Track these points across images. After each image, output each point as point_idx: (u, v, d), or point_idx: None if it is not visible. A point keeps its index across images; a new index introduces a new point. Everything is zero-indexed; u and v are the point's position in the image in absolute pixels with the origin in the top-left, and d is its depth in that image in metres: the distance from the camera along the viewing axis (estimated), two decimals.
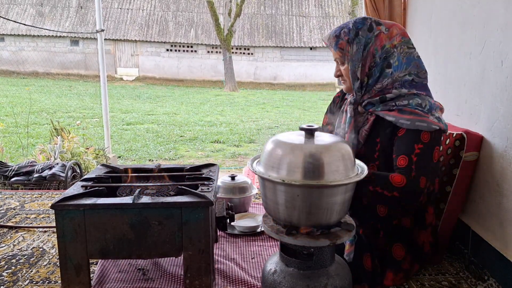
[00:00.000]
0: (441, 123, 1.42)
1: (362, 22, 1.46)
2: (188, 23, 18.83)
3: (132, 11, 18.90)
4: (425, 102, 1.43)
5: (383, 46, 1.45)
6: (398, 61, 1.46)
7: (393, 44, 1.46)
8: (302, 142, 1.16)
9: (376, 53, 1.46)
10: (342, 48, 1.48)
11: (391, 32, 1.47)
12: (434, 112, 1.43)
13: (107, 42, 16.85)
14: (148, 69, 17.98)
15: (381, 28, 1.46)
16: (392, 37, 1.46)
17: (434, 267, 1.72)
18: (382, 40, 1.45)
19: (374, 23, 1.47)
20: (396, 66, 1.46)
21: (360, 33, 1.45)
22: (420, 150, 1.37)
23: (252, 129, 7.50)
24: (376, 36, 1.45)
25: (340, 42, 1.48)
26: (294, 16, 19.41)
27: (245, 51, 18.48)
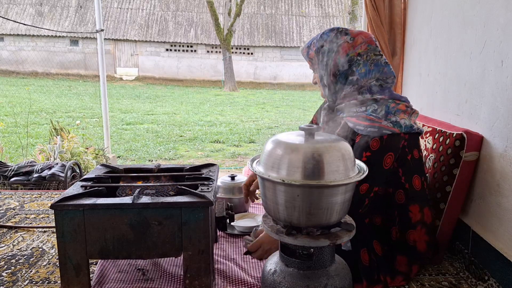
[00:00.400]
0: (396, 127, 1.46)
1: (328, 34, 1.57)
2: (187, 23, 18.83)
3: (131, 10, 18.90)
4: (382, 107, 1.49)
5: (346, 55, 1.53)
6: (365, 68, 1.52)
7: (357, 52, 1.53)
8: (302, 142, 1.16)
9: (339, 61, 1.54)
10: (311, 58, 1.62)
11: (356, 41, 1.53)
12: (391, 116, 1.47)
13: (107, 42, 16.85)
14: (147, 69, 17.98)
15: (346, 38, 1.54)
16: (357, 45, 1.53)
17: (434, 267, 1.72)
18: (346, 49, 1.53)
19: (339, 33, 1.55)
20: (362, 73, 1.52)
21: (325, 44, 1.56)
22: (366, 158, 1.44)
23: (252, 129, 7.49)
24: (340, 46, 1.54)
25: (310, 52, 1.62)
26: (294, 16, 19.41)
27: (245, 51, 18.49)
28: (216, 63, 17.83)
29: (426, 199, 1.60)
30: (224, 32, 15.93)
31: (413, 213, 1.55)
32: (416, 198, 1.55)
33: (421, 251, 1.56)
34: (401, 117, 1.49)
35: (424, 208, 1.58)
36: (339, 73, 1.54)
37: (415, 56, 2.53)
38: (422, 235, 1.56)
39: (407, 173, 1.54)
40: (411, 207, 1.55)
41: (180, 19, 18.95)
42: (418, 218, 1.56)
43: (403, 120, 1.48)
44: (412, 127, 1.50)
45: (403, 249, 1.54)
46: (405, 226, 1.55)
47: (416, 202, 1.55)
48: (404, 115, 1.50)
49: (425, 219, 1.58)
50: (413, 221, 1.55)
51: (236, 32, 17.77)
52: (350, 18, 17.23)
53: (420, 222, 1.57)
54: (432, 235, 1.61)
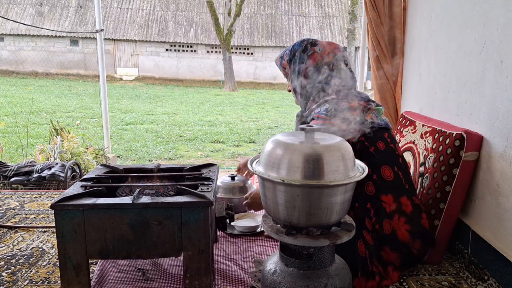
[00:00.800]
0: (345, 124, 1.52)
1: (299, 45, 1.69)
2: (187, 23, 18.83)
3: (131, 10, 18.90)
4: (333, 106, 1.57)
5: (315, 65, 1.65)
6: (330, 76, 1.64)
7: (325, 61, 1.64)
8: (302, 142, 1.16)
9: (309, 71, 1.66)
10: (284, 68, 1.75)
11: (324, 51, 1.65)
12: (341, 114, 1.54)
13: (107, 42, 16.85)
14: (147, 69, 17.98)
15: (315, 48, 1.66)
16: (324, 55, 1.65)
17: (434, 267, 1.72)
18: (315, 59, 1.65)
19: (309, 45, 1.68)
20: (328, 81, 1.63)
21: (296, 54, 1.69)
22: None
23: (251, 129, 7.49)
24: (310, 56, 1.66)
25: (282, 62, 1.75)
26: (294, 16, 19.41)
27: (245, 51, 18.49)
28: (216, 63, 17.82)
29: (403, 189, 1.60)
30: (224, 32, 15.93)
31: (386, 203, 1.57)
32: (388, 189, 1.57)
33: (402, 240, 1.57)
34: (352, 114, 1.54)
35: (400, 197, 1.59)
36: (309, 81, 1.67)
37: (415, 56, 2.53)
38: (401, 224, 1.57)
39: (373, 165, 1.54)
40: (383, 197, 1.56)
41: (180, 19, 18.94)
42: (394, 208, 1.57)
43: (353, 117, 1.53)
44: (363, 122, 1.55)
45: (383, 239, 1.56)
46: (380, 216, 1.56)
47: (389, 192, 1.57)
48: (356, 112, 1.55)
49: (403, 208, 1.58)
50: (388, 211, 1.57)
51: (236, 32, 17.77)
52: (350, 18, 17.23)
53: (397, 212, 1.57)
54: (414, 224, 1.60)
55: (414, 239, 1.59)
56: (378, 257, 1.52)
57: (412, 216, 1.60)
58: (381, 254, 1.54)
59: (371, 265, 1.49)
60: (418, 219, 1.62)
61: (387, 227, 1.56)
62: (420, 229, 1.61)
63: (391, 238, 1.56)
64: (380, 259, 1.53)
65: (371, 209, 1.57)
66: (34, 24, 17.21)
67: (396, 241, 1.56)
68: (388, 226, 1.56)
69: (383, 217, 1.56)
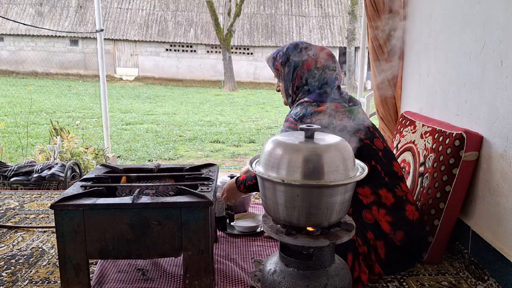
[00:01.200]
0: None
1: (294, 48, 1.71)
2: (187, 23, 18.83)
3: (131, 11, 18.90)
4: (302, 110, 1.61)
5: (309, 70, 1.68)
6: (318, 81, 1.67)
7: (317, 67, 1.68)
8: (302, 142, 1.16)
9: (303, 75, 1.69)
10: (277, 69, 1.76)
11: (317, 57, 1.68)
12: (306, 119, 1.58)
13: (107, 42, 16.85)
14: (147, 69, 17.98)
15: (310, 53, 1.69)
16: (318, 61, 1.68)
17: (434, 267, 1.72)
18: (309, 64, 1.68)
19: (304, 49, 1.70)
20: (314, 85, 1.67)
21: (291, 58, 1.71)
22: None
23: (251, 129, 7.49)
24: (304, 61, 1.68)
25: (276, 64, 1.75)
26: (293, 16, 19.41)
27: (245, 50, 18.49)
28: (216, 63, 17.82)
29: (381, 182, 1.64)
30: (224, 32, 15.93)
31: (363, 195, 1.61)
32: (364, 182, 1.55)
33: (385, 231, 1.59)
34: (318, 118, 1.57)
35: (378, 190, 1.62)
36: (300, 85, 1.70)
37: (415, 56, 2.53)
38: (381, 216, 1.60)
39: None
40: (359, 190, 1.60)
41: (180, 19, 18.94)
42: (372, 200, 1.61)
43: (318, 121, 1.56)
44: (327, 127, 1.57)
45: (366, 227, 1.59)
46: (358, 207, 1.60)
47: (365, 185, 1.60)
48: (322, 116, 1.58)
49: (382, 200, 1.62)
50: (365, 202, 1.61)
51: (236, 32, 17.77)
52: (350, 18, 17.24)
53: (375, 203, 1.61)
54: (396, 217, 1.61)
55: (395, 230, 1.61)
56: (367, 243, 1.56)
57: (392, 208, 1.62)
58: (367, 235, 1.57)
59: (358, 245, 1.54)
60: (401, 211, 1.64)
61: (369, 216, 1.61)
62: (403, 221, 1.63)
63: (374, 226, 1.60)
64: (365, 240, 1.56)
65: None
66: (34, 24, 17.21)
67: (379, 230, 1.60)
68: (370, 215, 1.61)
69: (361, 208, 1.61)
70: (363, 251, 1.55)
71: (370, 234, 1.59)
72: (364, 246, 1.56)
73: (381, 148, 1.69)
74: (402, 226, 1.62)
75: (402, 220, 1.63)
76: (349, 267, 1.45)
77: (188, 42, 18.21)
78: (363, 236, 1.57)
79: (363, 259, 1.54)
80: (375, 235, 1.59)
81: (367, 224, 1.60)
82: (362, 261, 1.54)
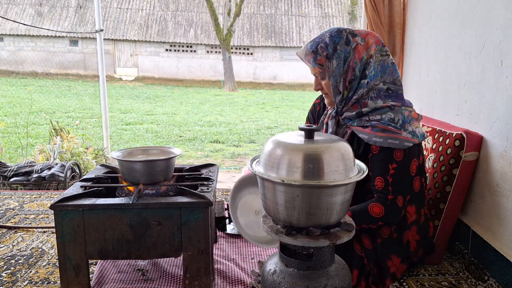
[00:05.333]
0: (415, 138, 1.43)
1: (338, 36, 1.46)
2: (187, 23, 18.82)
3: (131, 11, 18.89)
4: (398, 116, 1.43)
5: (361, 59, 1.45)
6: (374, 70, 1.46)
7: (369, 54, 1.46)
8: (301, 142, 1.16)
9: (356, 66, 1.45)
10: (321, 64, 1.49)
11: (367, 42, 1.46)
12: (408, 126, 1.43)
13: (106, 42, 16.84)
14: (147, 69, 17.97)
15: (357, 40, 1.46)
16: (368, 47, 1.46)
17: (434, 267, 1.72)
18: (360, 52, 1.45)
19: (350, 35, 1.46)
20: (372, 75, 1.46)
21: (338, 48, 1.45)
22: (394, 171, 1.42)
23: (251, 129, 7.49)
24: (354, 49, 1.45)
25: (318, 58, 1.48)
26: (293, 16, 19.41)
27: (245, 51, 18.48)
28: (216, 63, 17.81)
29: (423, 200, 1.60)
30: (223, 32, 15.92)
31: (410, 214, 1.55)
32: (414, 199, 1.55)
33: (411, 250, 1.57)
34: (415, 126, 1.47)
35: (421, 209, 1.58)
36: (355, 78, 1.46)
37: (415, 56, 2.53)
38: (414, 235, 1.57)
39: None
40: (408, 208, 1.54)
41: (179, 19, 18.94)
42: (414, 219, 1.56)
43: (418, 129, 1.47)
44: (424, 135, 1.49)
45: (397, 249, 1.53)
46: (402, 226, 1.54)
47: (413, 203, 1.55)
48: (417, 123, 1.48)
49: (420, 220, 1.59)
50: (409, 221, 1.56)
51: (236, 32, 17.77)
52: (350, 18, 17.24)
53: (415, 223, 1.57)
54: (422, 234, 1.60)
55: (419, 248, 1.59)
56: (378, 262, 1.49)
57: (423, 226, 1.60)
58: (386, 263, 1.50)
59: (368, 265, 1.48)
60: (427, 229, 1.62)
61: (405, 238, 1.55)
62: (426, 239, 1.62)
63: (405, 249, 1.54)
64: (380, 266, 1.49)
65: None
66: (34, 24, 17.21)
67: (408, 252, 1.55)
68: (406, 236, 1.55)
69: (404, 228, 1.54)
70: (373, 272, 1.47)
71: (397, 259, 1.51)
72: (375, 268, 1.48)
73: (422, 162, 1.56)
74: (424, 243, 1.60)
75: (426, 237, 1.61)
76: (354, 283, 1.40)
77: (188, 42, 18.20)
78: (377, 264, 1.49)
79: (373, 280, 1.47)
80: (402, 259, 1.53)
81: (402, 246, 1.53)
82: (371, 282, 1.47)
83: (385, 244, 1.51)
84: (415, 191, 1.54)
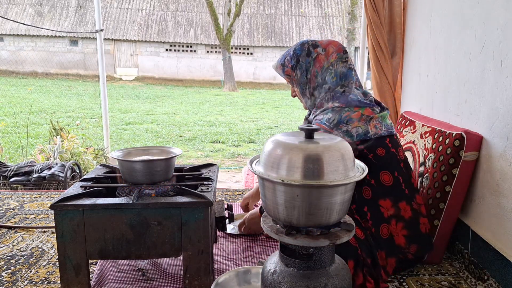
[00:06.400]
0: (348, 137, 1.50)
1: (301, 49, 1.63)
2: (187, 23, 18.83)
3: (131, 11, 18.90)
4: (335, 116, 1.53)
5: (322, 67, 1.60)
6: (336, 76, 1.59)
7: (330, 62, 1.60)
8: (301, 142, 1.16)
9: (317, 74, 1.61)
10: (288, 74, 1.67)
11: (328, 52, 1.61)
12: (342, 126, 1.52)
13: (106, 42, 16.85)
14: (147, 69, 17.98)
15: (318, 50, 1.61)
16: (329, 55, 1.60)
17: (434, 267, 1.72)
18: (321, 61, 1.60)
19: (311, 47, 1.62)
20: (333, 81, 1.59)
21: (300, 59, 1.62)
22: None
23: (251, 129, 7.49)
24: (315, 59, 1.61)
25: (285, 69, 1.67)
26: (293, 16, 19.42)
27: (245, 51, 18.49)
28: (216, 63, 17.82)
29: (402, 194, 1.60)
30: (223, 32, 15.93)
31: (384, 208, 1.57)
32: (386, 193, 1.57)
33: (400, 245, 1.57)
34: (354, 125, 1.52)
35: (398, 202, 1.59)
36: (318, 84, 1.61)
37: (414, 56, 2.53)
38: (399, 230, 1.57)
39: (371, 170, 1.51)
40: (381, 202, 1.57)
41: (179, 19, 18.94)
42: (392, 213, 1.57)
43: (355, 129, 1.51)
44: (366, 134, 1.53)
45: (378, 242, 1.55)
46: (378, 220, 1.57)
47: (387, 197, 1.57)
48: (358, 123, 1.53)
49: (401, 213, 1.59)
50: (386, 215, 1.57)
51: (236, 32, 17.77)
52: (350, 18, 17.24)
53: (394, 217, 1.58)
54: (412, 229, 1.60)
55: (410, 244, 1.59)
56: (371, 252, 1.52)
57: (410, 221, 1.60)
58: (376, 256, 1.53)
59: (362, 256, 1.50)
60: (416, 224, 1.62)
61: (385, 231, 1.57)
62: (417, 234, 1.62)
63: (388, 243, 1.56)
64: (374, 261, 1.52)
65: (368, 212, 1.58)
66: (34, 24, 17.21)
67: (393, 246, 1.57)
68: (386, 230, 1.57)
69: (380, 221, 1.57)
70: (367, 263, 1.50)
71: (382, 253, 1.54)
72: (368, 259, 1.51)
73: (402, 158, 1.63)
74: (416, 239, 1.60)
75: (417, 233, 1.61)
76: (351, 274, 1.41)
77: (188, 42, 18.21)
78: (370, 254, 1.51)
79: (368, 271, 1.49)
80: (387, 253, 1.55)
81: (382, 240, 1.56)
82: (367, 273, 1.49)
83: (373, 236, 1.56)
84: (386, 185, 1.57)
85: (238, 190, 2.81)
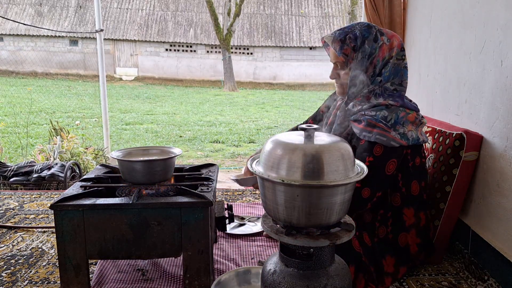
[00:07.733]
0: (404, 140, 1.45)
1: (368, 31, 1.50)
2: (187, 23, 18.82)
3: (131, 10, 18.89)
4: (392, 115, 1.46)
5: (384, 58, 1.50)
6: (389, 71, 1.51)
7: (391, 55, 1.51)
8: (301, 142, 1.16)
9: (377, 64, 1.50)
10: (346, 54, 1.52)
11: (391, 44, 1.51)
12: (399, 127, 1.46)
13: (106, 42, 16.84)
14: (147, 69, 17.97)
15: (384, 39, 1.50)
16: (392, 48, 1.51)
17: (434, 267, 1.72)
18: (384, 52, 1.50)
19: (378, 33, 1.51)
20: (386, 76, 1.51)
21: (366, 43, 1.49)
22: (369, 163, 1.43)
23: (251, 129, 7.49)
24: (380, 48, 1.49)
25: (345, 47, 1.51)
26: (293, 15, 19.41)
27: (245, 51, 18.48)
28: (216, 63, 17.82)
29: (423, 204, 1.60)
30: (223, 32, 15.92)
31: (407, 217, 1.56)
32: (412, 202, 1.56)
33: (413, 254, 1.58)
34: (409, 129, 1.47)
35: (420, 212, 1.59)
36: (373, 74, 1.51)
37: (415, 56, 2.53)
38: (414, 238, 1.58)
39: (406, 178, 1.55)
40: (405, 210, 1.56)
41: (179, 19, 18.94)
42: (412, 222, 1.57)
43: (410, 133, 1.48)
44: (418, 140, 1.49)
45: (392, 250, 1.54)
46: (398, 228, 1.56)
47: (411, 206, 1.56)
48: (412, 127, 1.49)
49: (420, 223, 1.59)
50: (407, 224, 1.56)
51: (236, 32, 17.76)
52: (350, 18, 17.23)
53: (414, 226, 1.57)
54: (423, 237, 1.61)
55: (421, 252, 1.60)
56: (376, 261, 1.51)
57: (423, 229, 1.60)
58: (382, 263, 1.52)
59: (367, 263, 1.48)
60: (428, 231, 1.63)
61: (403, 240, 1.56)
62: (427, 242, 1.63)
63: (404, 252, 1.56)
64: (378, 265, 1.51)
65: (390, 218, 1.57)
66: (34, 24, 17.20)
67: (408, 255, 1.56)
68: (404, 239, 1.56)
69: (400, 230, 1.56)
70: (369, 270, 1.48)
71: (391, 259, 1.52)
72: (371, 267, 1.49)
73: (425, 167, 1.62)
74: (425, 247, 1.62)
75: (427, 240, 1.62)
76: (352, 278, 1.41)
77: (188, 42, 18.20)
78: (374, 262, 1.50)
79: (369, 278, 1.47)
80: (400, 262, 1.54)
81: (398, 248, 1.54)
82: (368, 279, 1.47)
83: (382, 243, 1.54)
84: (413, 194, 1.56)
85: (238, 190, 2.80)
